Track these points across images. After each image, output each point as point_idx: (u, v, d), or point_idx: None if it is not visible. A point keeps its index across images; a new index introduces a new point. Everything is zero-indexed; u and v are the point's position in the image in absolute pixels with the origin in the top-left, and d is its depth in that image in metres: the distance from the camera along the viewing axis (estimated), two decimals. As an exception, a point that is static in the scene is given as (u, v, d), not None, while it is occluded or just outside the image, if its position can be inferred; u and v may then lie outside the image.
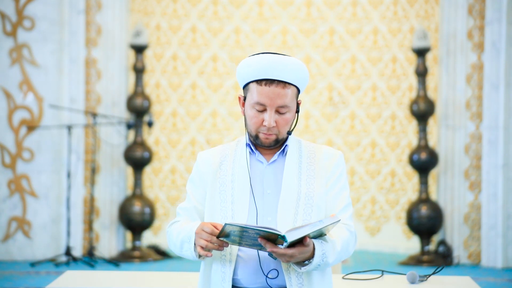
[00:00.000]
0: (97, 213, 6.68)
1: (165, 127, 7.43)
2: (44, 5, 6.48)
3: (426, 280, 2.92)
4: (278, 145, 2.36)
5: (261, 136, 2.33)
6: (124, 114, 6.73)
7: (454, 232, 6.57)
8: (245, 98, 2.36)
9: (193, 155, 7.48)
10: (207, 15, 7.49)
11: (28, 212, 6.49)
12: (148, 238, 7.00)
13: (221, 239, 2.19)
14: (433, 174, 6.78)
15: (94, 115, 6.43)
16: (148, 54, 7.10)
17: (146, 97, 6.73)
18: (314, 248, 2.18)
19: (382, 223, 7.43)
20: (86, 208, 6.61)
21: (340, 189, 2.36)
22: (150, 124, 6.66)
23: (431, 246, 6.60)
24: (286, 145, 2.37)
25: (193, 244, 2.25)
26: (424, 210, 6.53)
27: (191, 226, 2.28)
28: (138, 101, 6.68)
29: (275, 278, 2.26)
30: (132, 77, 6.86)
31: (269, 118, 2.29)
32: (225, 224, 2.12)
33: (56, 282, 2.88)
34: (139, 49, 6.71)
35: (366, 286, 2.87)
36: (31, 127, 6.49)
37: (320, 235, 2.19)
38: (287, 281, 2.24)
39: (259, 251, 2.24)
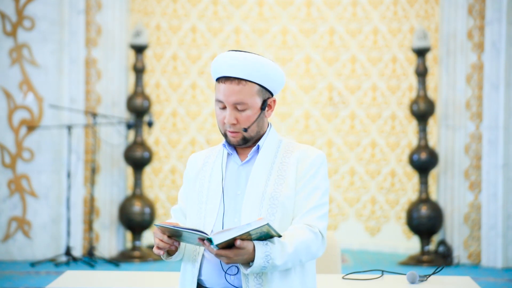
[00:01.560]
0: (97, 213, 6.68)
1: (165, 127, 7.43)
2: (44, 5, 6.48)
3: (426, 280, 2.92)
4: (249, 144, 2.35)
5: (228, 134, 2.33)
6: (124, 114, 6.73)
7: (454, 232, 6.58)
8: None
9: (193, 155, 7.48)
10: (207, 15, 7.49)
11: (28, 212, 6.50)
12: (148, 238, 7.00)
13: (175, 238, 2.22)
14: (433, 174, 6.78)
15: (94, 115, 6.43)
16: (148, 54, 7.10)
17: (146, 97, 6.73)
18: (254, 250, 2.15)
19: (382, 223, 7.43)
20: (86, 208, 6.61)
21: (311, 189, 2.31)
22: (150, 124, 6.66)
23: (431, 246, 6.60)
24: (258, 145, 2.36)
25: None
26: (424, 210, 6.53)
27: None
28: (138, 101, 6.68)
29: (235, 275, 2.25)
30: (132, 77, 6.86)
31: (227, 115, 2.29)
32: (154, 224, 2.16)
33: (56, 282, 2.88)
34: (139, 49, 6.72)
35: (366, 286, 2.87)
36: (31, 127, 6.49)
37: (269, 237, 2.17)
38: (243, 281, 2.22)
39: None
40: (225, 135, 2.34)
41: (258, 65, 2.29)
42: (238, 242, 2.12)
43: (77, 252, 6.47)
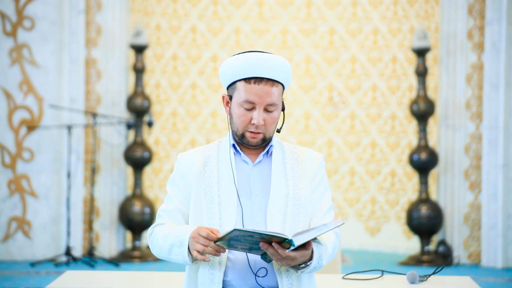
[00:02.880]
0: (97, 213, 6.68)
1: (165, 127, 7.43)
2: (44, 5, 6.48)
3: (426, 280, 2.92)
4: (263, 144, 2.35)
5: (247, 135, 2.32)
6: (124, 114, 6.73)
7: (454, 232, 6.58)
8: (230, 98, 2.35)
9: (193, 155, 7.48)
10: (207, 15, 7.49)
11: (28, 212, 6.49)
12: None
13: (218, 243, 2.18)
14: (433, 174, 6.78)
15: (94, 115, 6.43)
16: (148, 54, 7.10)
17: (146, 97, 6.73)
18: (312, 251, 2.20)
19: (382, 223, 7.43)
20: (86, 208, 6.61)
21: (323, 191, 2.38)
22: (150, 124, 6.66)
23: (431, 246, 6.60)
24: (271, 146, 2.37)
25: (186, 249, 2.22)
26: (424, 210, 6.53)
27: (183, 231, 2.25)
28: (138, 101, 6.68)
29: (264, 276, 2.26)
30: (132, 77, 6.86)
31: (258, 116, 2.29)
32: (234, 229, 2.10)
33: (56, 282, 2.88)
34: (139, 49, 6.71)
35: (366, 286, 2.87)
36: (31, 127, 6.49)
37: (314, 238, 2.20)
38: (279, 282, 2.25)
39: (248, 253, 2.25)
40: (242, 136, 2.33)
41: (284, 66, 2.32)
42: (311, 244, 2.17)
43: (77, 252, 6.47)
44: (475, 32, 6.54)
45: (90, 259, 6.30)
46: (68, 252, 6.20)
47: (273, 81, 2.29)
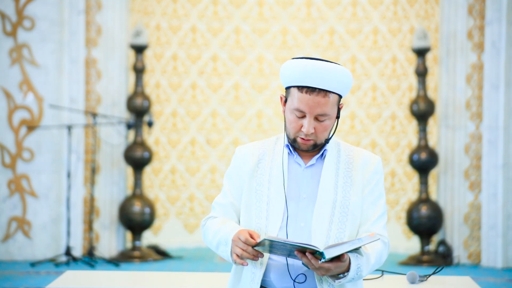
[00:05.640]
0: (97, 213, 6.68)
1: (165, 127, 7.43)
2: (44, 5, 6.48)
3: (426, 280, 2.92)
4: (316, 149, 2.33)
5: (299, 140, 2.31)
6: (124, 114, 6.73)
7: (454, 232, 6.57)
8: (286, 100, 2.34)
9: (193, 155, 7.48)
10: (207, 15, 7.49)
11: (28, 212, 6.49)
12: (148, 238, 7.00)
13: (257, 248, 2.19)
14: (433, 174, 6.78)
15: (94, 115, 6.43)
16: (148, 54, 7.10)
17: (146, 97, 6.73)
18: (349, 263, 2.18)
19: (382, 223, 7.42)
20: (86, 208, 6.61)
21: (376, 197, 2.34)
22: (150, 124, 6.66)
23: (431, 246, 6.60)
24: (325, 150, 2.35)
25: (230, 249, 2.25)
26: (424, 210, 6.53)
27: (229, 229, 2.28)
28: (138, 101, 6.68)
29: (303, 283, 2.26)
30: (132, 77, 6.86)
31: (308, 125, 2.27)
32: (264, 239, 2.12)
33: (56, 282, 2.87)
34: (139, 49, 6.71)
35: (366, 286, 2.87)
36: (31, 127, 6.49)
37: (356, 248, 2.19)
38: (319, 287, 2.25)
39: (287, 257, 2.25)
40: (294, 140, 2.31)
41: (341, 76, 2.28)
42: (345, 256, 2.15)
43: (77, 252, 6.47)
44: (475, 32, 6.54)
45: (90, 259, 6.30)
46: (68, 252, 6.20)
47: (326, 92, 2.26)
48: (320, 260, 2.13)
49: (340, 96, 2.32)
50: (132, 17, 6.95)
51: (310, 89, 2.26)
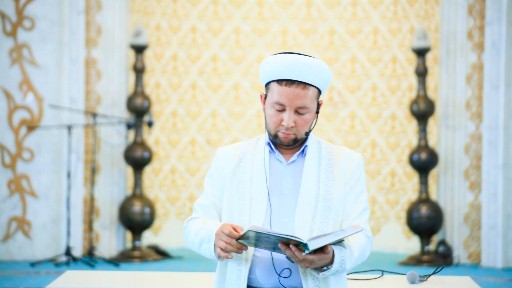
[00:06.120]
0: (97, 213, 6.68)
1: (165, 127, 7.43)
2: (44, 5, 6.48)
3: (426, 280, 2.92)
4: (297, 144, 2.35)
5: (280, 135, 2.32)
6: (124, 114, 6.73)
7: (454, 232, 6.57)
8: (266, 97, 2.35)
9: (193, 155, 7.48)
10: (207, 15, 7.49)
11: (28, 212, 6.49)
12: (148, 238, 7.00)
13: (241, 241, 2.20)
14: (433, 174, 6.78)
15: (94, 115, 6.43)
16: (148, 54, 7.10)
17: (146, 97, 6.73)
18: (333, 255, 2.19)
19: (382, 223, 7.43)
20: (86, 208, 6.61)
21: (358, 193, 2.36)
22: (150, 124, 6.66)
23: (431, 246, 6.60)
24: (305, 146, 2.37)
25: (213, 245, 2.25)
26: (424, 210, 6.53)
27: (212, 226, 2.28)
28: (138, 101, 6.68)
29: (287, 277, 2.27)
30: (132, 77, 6.86)
31: (288, 118, 2.29)
32: (248, 230, 2.12)
33: (56, 282, 2.88)
34: (139, 49, 6.71)
35: (366, 286, 2.87)
36: (31, 127, 6.49)
37: (339, 241, 2.20)
38: (303, 283, 2.25)
39: (272, 252, 2.25)
40: (275, 136, 2.33)
41: (320, 69, 2.30)
42: (328, 248, 2.15)
43: (77, 252, 6.47)
44: (475, 32, 6.54)
45: (90, 259, 6.30)
46: (68, 252, 6.20)
47: (305, 84, 2.28)
48: (303, 252, 2.13)
49: (320, 91, 2.34)
50: (132, 17, 6.95)
51: (289, 82, 2.28)
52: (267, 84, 2.34)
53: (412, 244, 7.09)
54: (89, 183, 6.56)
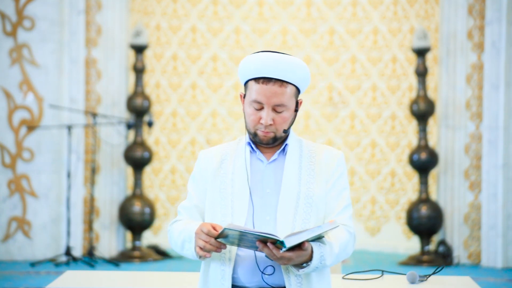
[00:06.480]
0: (97, 213, 6.68)
1: (165, 127, 7.43)
2: (44, 5, 6.48)
3: (426, 280, 2.92)
4: (277, 143, 2.36)
5: (259, 133, 2.33)
6: (124, 114, 6.73)
7: (454, 232, 6.57)
8: (245, 96, 2.36)
9: (193, 155, 7.48)
10: (207, 15, 7.49)
11: (28, 212, 6.49)
12: (148, 238, 7.00)
13: (220, 240, 2.20)
14: (433, 174, 6.78)
15: (94, 115, 6.43)
16: (148, 54, 7.10)
17: (146, 97, 6.73)
18: (312, 251, 2.19)
19: (382, 223, 7.43)
20: (86, 208, 6.61)
21: (340, 190, 2.36)
22: (150, 124, 6.66)
23: (431, 246, 6.60)
24: (286, 144, 2.37)
25: (194, 244, 2.25)
26: (424, 210, 6.53)
27: (193, 226, 2.29)
28: (138, 101, 6.68)
29: (271, 274, 2.27)
30: (132, 77, 6.86)
31: (266, 116, 2.29)
32: (224, 228, 2.13)
33: (56, 282, 2.88)
34: (139, 49, 6.72)
35: (366, 286, 2.87)
36: (31, 127, 6.49)
37: (318, 237, 2.20)
38: (286, 280, 2.25)
39: (256, 251, 2.25)
40: (254, 134, 2.34)
41: (297, 67, 2.31)
42: (305, 245, 2.15)
43: (77, 252, 6.47)
44: (475, 32, 6.54)
45: (90, 259, 6.30)
46: (68, 252, 6.20)
47: (282, 82, 2.29)
48: (281, 250, 2.13)
49: (298, 90, 2.34)
50: (132, 17, 6.95)
51: (267, 80, 2.29)
52: (246, 83, 2.35)
53: (412, 244, 7.09)
54: (89, 183, 6.56)
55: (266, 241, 2.14)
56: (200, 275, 2.36)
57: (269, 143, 2.34)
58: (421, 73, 6.64)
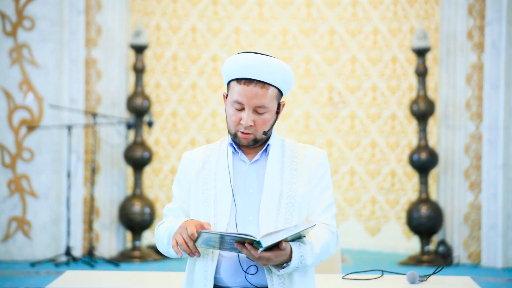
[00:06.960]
0: (97, 213, 6.68)
1: (165, 127, 7.44)
2: (44, 5, 6.48)
3: (426, 280, 2.92)
4: (258, 144, 2.36)
5: (239, 134, 2.33)
6: (124, 114, 6.73)
7: (454, 232, 6.58)
8: (227, 96, 2.37)
9: (193, 155, 7.48)
10: (207, 15, 7.49)
11: (28, 212, 6.50)
12: (148, 238, 7.00)
13: (201, 244, 2.19)
14: (433, 174, 6.78)
15: (94, 115, 6.43)
16: (148, 54, 7.10)
17: (146, 97, 6.73)
18: (291, 251, 2.19)
19: (382, 223, 7.43)
20: (86, 208, 6.61)
21: (322, 189, 2.36)
22: (150, 124, 6.66)
23: (431, 246, 6.60)
24: (268, 145, 2.37)
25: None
26: (424, 210, 6.53)
27: (179, 222, 2.28)
28: (138, 101, 6.68)
29: (254, 274, 2.27)
30: (132, 77, 6.86)
31: (246, 117, 2.29)
32: (201, 232, 2.13)
33: (56, 282, 2.88)
34: (139, 49, 6.72)
35: (366, 286, 2.87)
36: (31, 127, 6.49)
37: (298, 237, 2.19)
38: (268, 281, 2.25)
39: (238, 253, 2.26)
40: (235, 135, 2.34)
41: (280, 69, 2.31)
42: (283, 244, 2.15)
43: (77, 252, 6.47)
44: (475, 32, 6.54)
45: (90, 259, 6.30)
46: (68, 252, 6.20)
47: (263, 83, 2.29)
48: (258, 250, 2.13)
49: (281, 92, 2.34)
50: (132, 17, 6.95)
51: (248, 81, 2.29)
52: (229, 83, 2.35)
53: (412, 244, 7.09)
54: (89, 183, 6.56)
55: (244, 242, 2.14)
56: (185, 275, 2.36)
57: (250, 144, 2.34)
58: (421, 73, 6.64)
